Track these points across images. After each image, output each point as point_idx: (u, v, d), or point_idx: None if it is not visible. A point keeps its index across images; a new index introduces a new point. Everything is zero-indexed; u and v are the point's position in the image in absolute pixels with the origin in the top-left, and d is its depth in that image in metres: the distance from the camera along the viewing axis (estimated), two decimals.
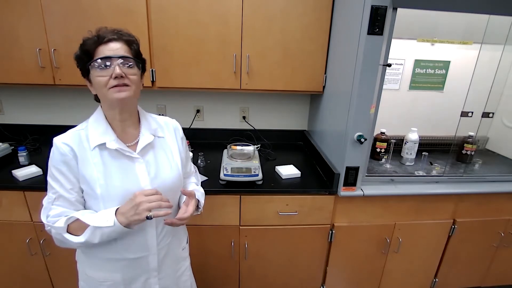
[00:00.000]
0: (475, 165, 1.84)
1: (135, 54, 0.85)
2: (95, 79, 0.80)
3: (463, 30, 1.78)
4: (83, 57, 0.81)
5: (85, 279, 0.98)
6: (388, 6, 1.22)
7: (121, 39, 0.82)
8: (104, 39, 0.79)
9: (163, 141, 0.97)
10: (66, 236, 0.83)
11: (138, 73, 0.86)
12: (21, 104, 1.99)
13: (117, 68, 0.78)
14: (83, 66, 0.83)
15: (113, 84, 0.79)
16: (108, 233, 0.82)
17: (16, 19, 1.50)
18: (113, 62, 0.79)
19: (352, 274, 1.75)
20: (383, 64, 1.33)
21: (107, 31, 0.81)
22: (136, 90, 0.86)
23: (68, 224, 0.83)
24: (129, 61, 0.81)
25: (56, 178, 0.83)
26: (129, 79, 0.81)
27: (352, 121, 1.37)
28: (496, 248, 1.78)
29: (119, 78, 0.79)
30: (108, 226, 0.80)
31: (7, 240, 1.54)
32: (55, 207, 0.84)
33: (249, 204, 1.53)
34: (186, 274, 1.12)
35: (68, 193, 0.84)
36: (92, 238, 0.82)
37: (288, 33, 1.62)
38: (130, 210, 0.80)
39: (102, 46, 0.79)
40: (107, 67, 0.79)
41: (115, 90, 0.80)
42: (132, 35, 0.87)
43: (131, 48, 0.84)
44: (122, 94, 0.81)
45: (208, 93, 2.04)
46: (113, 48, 0.79)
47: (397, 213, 1.62)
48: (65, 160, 0.82)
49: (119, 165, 0.86)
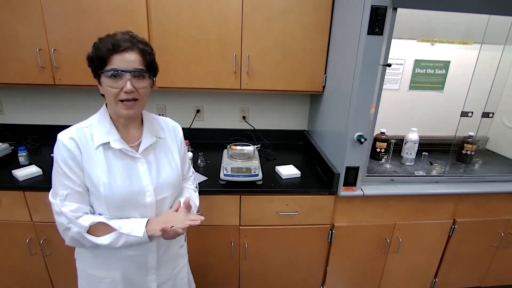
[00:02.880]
0: (475, 165, 1.84)
1: (147, 66, 0.85)
2: (106, 87, 0.81)
3: (463, 30, 1.78)
4: (96, 62, 0.81)
5: (85, 277, 0.99)
6: (388, 6, 1.22)
7: (136, 48, 0.81)
8: (119, 48, 0.79)
9: (164, 142, 0.99)
10: (87, 236, 0.83)
11: (148, 85, 0.86)
12: (21, 104, 1.99)
13: (128, 84, 0.79)
14: (95, 70, 0.83)
15: (123, 97, 0.81)
16: (132, 241, 0.85)
17: (16, 19, 1.50)
18: (126, 74, 0.79)
19: (352, 274, 1.75)
20: (383, 64, 1.33)
21: (122, 38, 0.80)
22: (144, 103, 0.88)
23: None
24: (142, 74, 0.82)
25: (66, 174, 0.83)
26: (138, 93, 0.83)
27: (352, 121, 1.37)
28: (496, 248, 1.78)
29: (129, 93, 0.80)
30: (136, 236, 0.84)
31: (7, 240, 1.54)
32: (69, 203, 0.83)
33: (249, 204, 1.53)
34: (183, 271, 1.13)
35: (79, 188, 0.85)
36: (115, 243, 0.84)
37: (288, 33, 1.62)
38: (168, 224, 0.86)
39: (116, 55, 0.79)
40: (118, 78, 0.80)
41: (124, 107, 0.82)
42: (148, 44, 0.87)
43: (145, 60, 0.84)
44: (131, 112, 0.84)
45: (208, 93, 2.04)
46: (127, 59, 0.79)
47: (397, 213, 1.62)
48: (73, 156, 0.83)
49: (122, 165, 0.88)
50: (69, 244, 0.87)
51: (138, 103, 0.85)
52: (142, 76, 0.83)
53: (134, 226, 0.85)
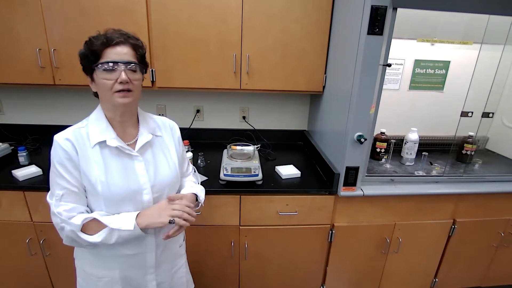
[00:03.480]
0: (475, 165, 1.84)
1: (140, 59, 0.88)
2: (100, 80, 0.83)
3: (463, 30, 1.78)
4: (89, 57, 0.82)
5: (83, 276, 0.99)
6: (388, 6, 1.22)
7: (128, 43, 0.84)
8: (112, 42, 0.81)
9: (161, 140, 1.00)
10: (80, 235, 0.84)
11: (141, 77, 0.89)
12: (21, 104, 1.99)
13: (123, 74, 0.81)
14: (88, 65, 0.84)
15: (118, 88, 0.82)
16: (125, 236, 0.85)
17: (16, 19, 1.50)
18: (120, 66, 0.81)
19: (352, 274, 1.75)
20: (383, 64, 1.33)
21: (114, 33, 0.83)
22: (138, 94, 0.89)
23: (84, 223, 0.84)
24: (134, 67, 0.84)
25: (62, 175, 0.84)
26: (133, 84, 0.84)
27: (352, 121, 1.37)
28: (496, 248, 1.78)
29: (124, 83, 0.82)
30: (127, 229, 0.83)
31: (7, 240, 1.54)
32: (64, 203, 0.84)
33: (249, 204, 1.53)
34: (182, 271, 1.13)
35: (75, 188, 0.85)
36: (108, 239, 0.84)
37: (288, 33, 1.62)
38: (154, 213, 0.88)
39: (110, 48, 0.81)
40: (113, 71, 0.81)
41: (119, 96, 0.83)
42: (139, 39, 0.89)
43: (137, 53, 0.87)
44: (126, 100, 0.85)
45: (208, 93, 2.04)
46: (120, 52, 0.82)
47: (397, 213, 1.62)
48: (69, 157, 0.84)
49: (119, 163, 0.88)
50: (67, 243, 0.87)
51: (133, 94, 0.86)
52: (135, 68, 0.85)
53: (124, 220, 0.85)
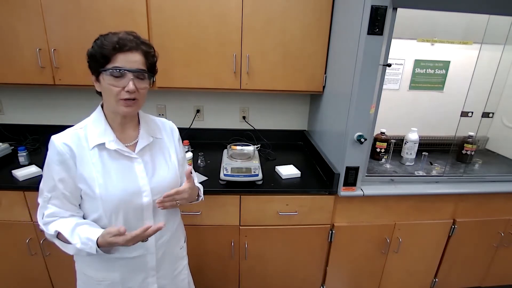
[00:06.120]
0: (475, 165, 1.84)
1: (149, 67, 0.86)
2: (106, 85, 0.80)
3: (463, 30, 1.78)
4: (98, 59, 0.80)
5: (83, 279, 0.98)
6: (388, 6, 1.22)
7: (140, 49, 0.82)
8: (124, 48, 0.79)
9: (161, 142, 0.99)
10: (57, 243, 0.85)
11: (148, 85, 0.87)
12: (21, 104, 1.99)
13: (130, 84, 0.79)
14: (95, 67, 0.82)
15: (124, 97, 0.81)
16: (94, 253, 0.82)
17: (16, 19, 1.50)
18: (129, 74, 0.80)
19: (352, 274, 1.75)
20: (383, 64, 1.33)
21: (127, 38, 0.80)
22: (143, 102, 0.88)
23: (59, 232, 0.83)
24: (143, 75, 0.83)
25: (52, 177, 0.83)
26: (139, 93, 0.83)
27: (352, 121, 1.37)
28: (496, 248, 1.78)
29: (130, 93, 0.80)
30: (89, 252, 0.81)
31: (7, 240, 1.54)
32: (51, 206, 0.85)
33: (249, 204, 1.53)
34: (183, 273, 1.13)
35: (64, 191, 0.84)
36: (78, 253, 0.85)
37: (288, 33, 1.62)
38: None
39: (121, 54, 0.78)
40: (121, 78, 0.79)
41: (124, 104, 0.82)
42: (152, 46, 0.87)
43: (148, 61, 0.85)
44: (130, 109, 0.84)
45: (208, 93, 2.04)
46: (131, 59, 0.80)
47: (397, 213, 1.62)
48: (62, 160, 0.82)
49: (118, 165, 0.87)
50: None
51: (137, 102, 0.85)
52: (143, 76, 0.83)
53: (87, 242, 0.81)
